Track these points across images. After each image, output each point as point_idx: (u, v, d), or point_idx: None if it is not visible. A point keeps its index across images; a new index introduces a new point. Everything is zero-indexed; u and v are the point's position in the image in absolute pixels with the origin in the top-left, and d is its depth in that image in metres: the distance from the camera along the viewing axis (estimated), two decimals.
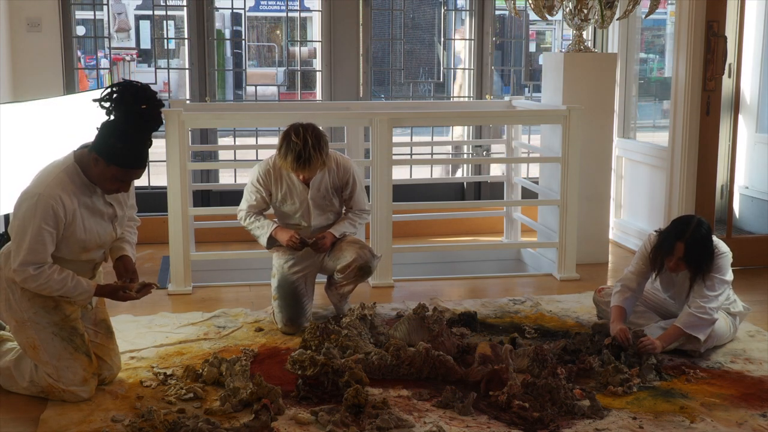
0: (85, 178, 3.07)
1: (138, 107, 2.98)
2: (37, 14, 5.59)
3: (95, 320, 3.38)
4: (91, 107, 4.36)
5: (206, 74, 6.07)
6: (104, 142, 2.99)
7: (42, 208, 2.96)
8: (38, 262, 3.00)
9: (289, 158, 3.79)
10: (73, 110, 4.28)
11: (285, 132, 3.85)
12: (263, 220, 4.07)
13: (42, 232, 2.97)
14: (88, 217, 3.10)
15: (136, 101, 2.98)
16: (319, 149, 3.77)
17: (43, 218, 2.97)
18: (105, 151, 2.98)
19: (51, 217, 2.98)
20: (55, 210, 2.98)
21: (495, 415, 3.05)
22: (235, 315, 4.21)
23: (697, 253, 3.60)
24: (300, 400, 3.15)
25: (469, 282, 5.08)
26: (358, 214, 4.16)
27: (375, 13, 6.33)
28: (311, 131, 3.79)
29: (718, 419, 3.06)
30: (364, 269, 4.01)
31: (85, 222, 3.09)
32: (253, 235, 4.12)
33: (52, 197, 2.98)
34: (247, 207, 4.09)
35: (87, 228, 3.10)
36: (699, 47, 5.01)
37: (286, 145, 3.80)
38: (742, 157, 5.92)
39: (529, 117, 5.60)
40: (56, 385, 3.14)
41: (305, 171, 3.84)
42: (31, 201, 2.98)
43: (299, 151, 3.75)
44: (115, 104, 2.99)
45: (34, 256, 2.99)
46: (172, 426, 2.85)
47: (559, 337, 3.89)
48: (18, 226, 3.00)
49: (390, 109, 5.67)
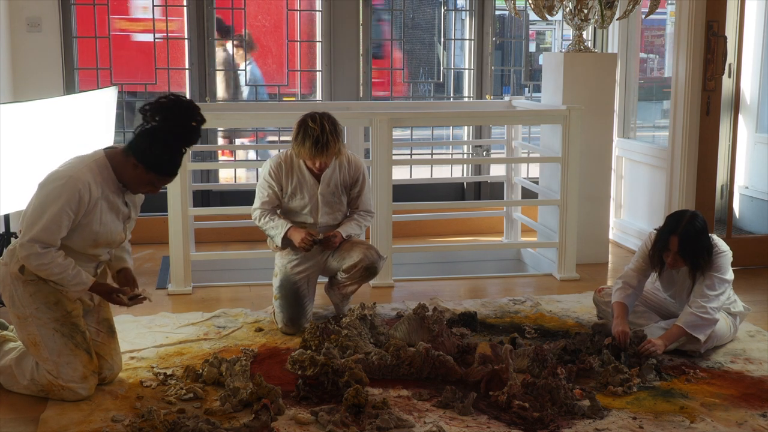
0: (113, 174, 3.14)
1: (189, 123, 3.09)
2: (37, 14, 5.60)
3: (98, 319, 3.39)
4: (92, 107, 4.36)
5: (206, 74, 6.08)
6: (147, 149, 3.06)
7: (69, 190, 3.03)
8: (48, 243, 3.04)
9: (307, 144, 3.81)
10: (73, 110, 4.28)
11: (300, 120, 3.87)
12: (278, 219, 4.04)
13: (62, 214, 3.03)
14: (107, 211, 3.16)
15: (187, 117, 3.09)
16: (336, 135, 3.84)
17: (67, 200, 3.03)
18: (146, 158, 3.07)
19: (75, 201, 3.04)
20: (81, 194, 3.04)
21: (495, 415, 3.05)
22: (235, 315, 4.21)
23: (692, 246, 3.59)
24: (300, 400, 3.15)
25: (469, 282, 5.08)
26: (364, 215, 4.15)
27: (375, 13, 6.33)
28: (327, 118, 3.85)
29: (718, 419, 3.06)
30: (370, 270, 4.01)
31: (103, 215, 3.14)
32: (268, 234, 4.10)
33: (81, 181, 3.04)
34: (260, 204, 4.07)
35: (103, 221, 3.15)
36: (699, 47, 5.01)
37: (303, 132, 3.82)
38: (742, 157, 5.92)
39: (529, 117, 5.60)
40: (56, 382, 3.14)
41: (323, 156, 3.85)
42: (59, 182, 3.04)
43: (317, 136, 3.78)
44: (164, 116, 3.05)
45: (47, 235, 3.03)
46: (172, 426, 2.85)
47: (559, 337, 3.89)
48: (39, 204, 3.05)
49: (390, 109, 5.67)
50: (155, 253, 5.53)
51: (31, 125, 3.99)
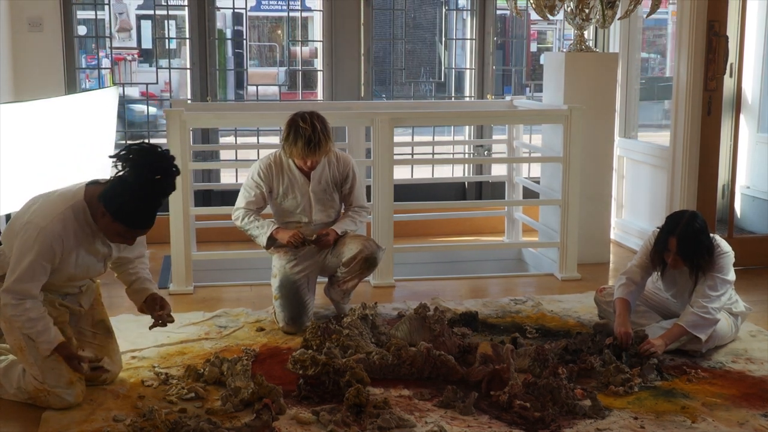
0: (90, 218, 3.06)
1: (152, 177, 2.93)
2: (38, 14, 5.60)
3: (93, 321, 3.38)
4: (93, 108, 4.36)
5: (207, 74, 6.07)
6: (114, 198, 2.96)
7: (41, 243, 2.97)
8: (22, 294, 2.99)
9: (299, 144, 3.84)
10: (75, 110, 4.28)
11: (290, 120, 3.90)
12: (262, 220, 4.07)
13: (35, 266, 2.98)
14: (84, 255, 3.11)
15: (151, 171, 2.93)
16: (326, 134, 3.89)
17: (40, 253, 2.97)
18: (113, 208, 2.96)
19: (49, 254, 2.99)
20: (53, 247, 2.99)
21: (496, 415, 3.05)
22: (236, 315, 4.21)
23: (691, 247, 3.59)
24: (301, 400, 3.15)
25: (470, 282, 5.08)
26: (358, 211, 4.17)
27: (376, 12, 6.33)
28: (316, 117, 3.90)
29: (720, 419, 3.06)
30: (370, 260, 4.01)
31: (79, 259, 3.10)
32: (250, 235, 4.11)
33: (53, 234, 2.97)
34: (245, 204, 4.08)
35: (79, 264, 3.12)
36: (700, 47, 5.01)
37: (294, 132, 3.85)
38: (743, 156, 5.92)
39: (531, 117, 5.60)
40: (41, 387, 3.10)
41: (315, 155, 3.88)
42: (32, 232, 2.98)
43: (309, 135, 3.82)
44: (131, 166, 2.93)
45: (20, 286, 2.98)
46: (174, 426, 2.85)
47: (560, 336, 3.89)
48: (17, 251, 3.00)
49: (391, 109, 5.67)
50: (157, 252, 5.52)
51: (33, 125, 3.99)
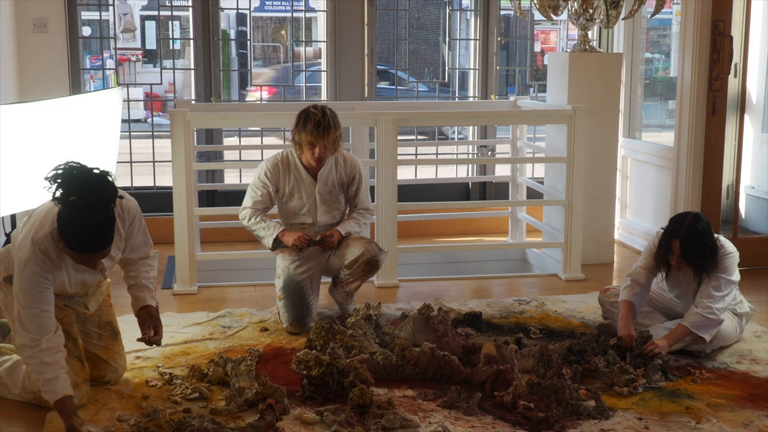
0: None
1: (67, 199, 2.75)
2: (43, 15, 5.61)
3: (99, 323, 3.37)
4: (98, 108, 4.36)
5: (211, 74, 6.08)
6: (59, 223, 2.82)
7: (30, 283, 2.89)
8: (38, 329, 2.90)
9: (309, 126, 3.89)
10: (79, 111, 4.28)
11: (302, 110, 3.99)
12: (269, 221, 4.07)
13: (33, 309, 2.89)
14: (74, 273, 3.05)
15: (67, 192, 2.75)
16: (336, 121, 3.95)
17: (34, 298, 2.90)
18: (61, 234, 2.83)
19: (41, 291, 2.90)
20: (41, 284, 2.90)
21: (500, 416, 3.05)
22: (240, 315, 4.22)
23: (694, 250, 3.58)
24: (305, 400, 3.15)
25: (474, 282, 5.08)
26: (362, 213, 4.18)
27: (380, 13, 6.33)
28: (327, 107, 3.98)
29: (724, 420, 3.05)
30: (372, 263, 4.02)
31: (71, 278, 3.05)
32: (257, 235, 4.12)
33: (37, 270, 2.89)
34: (252, 204, 4.09)
35: (72, 283, 3.07)
36: (705, 47, 5.01)
37: (305, 117, 3.92)
38: (748, 157, 5.90)
39: (535, 117, 5.60)
40: None
41: (323, 140, 3.90)
42: (19, 268, 2.91)
43: (318, 119, 3.88)
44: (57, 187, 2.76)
45: (30, 325, 2.90)
46: (178, 426, 2.85)
47: (564, 337, 3.89)
48: (14, 281, 2.94)
49: (395, 110, 5.67)
50: (161, 252, 5.50)
51: (37, 126, 3.99)
